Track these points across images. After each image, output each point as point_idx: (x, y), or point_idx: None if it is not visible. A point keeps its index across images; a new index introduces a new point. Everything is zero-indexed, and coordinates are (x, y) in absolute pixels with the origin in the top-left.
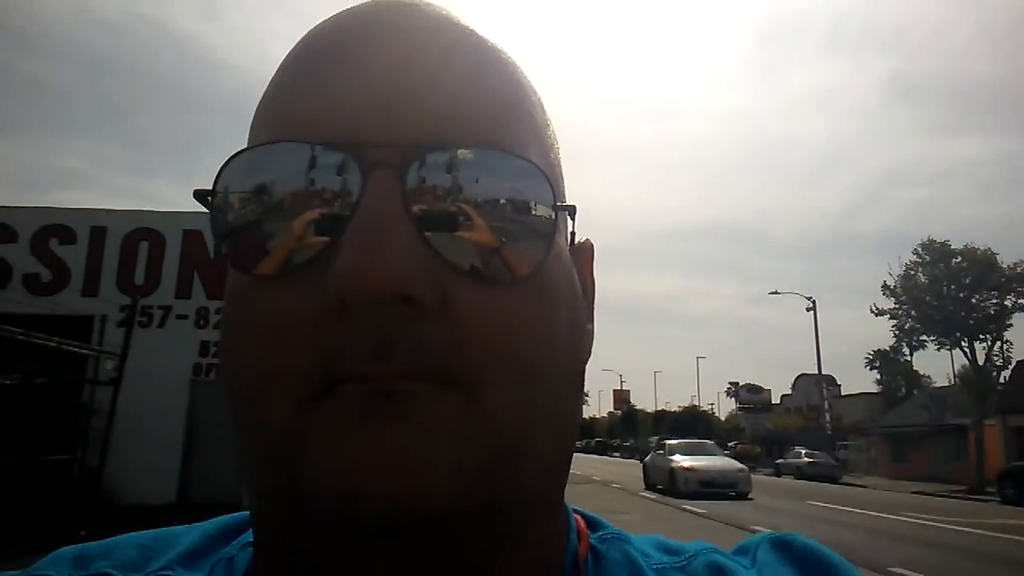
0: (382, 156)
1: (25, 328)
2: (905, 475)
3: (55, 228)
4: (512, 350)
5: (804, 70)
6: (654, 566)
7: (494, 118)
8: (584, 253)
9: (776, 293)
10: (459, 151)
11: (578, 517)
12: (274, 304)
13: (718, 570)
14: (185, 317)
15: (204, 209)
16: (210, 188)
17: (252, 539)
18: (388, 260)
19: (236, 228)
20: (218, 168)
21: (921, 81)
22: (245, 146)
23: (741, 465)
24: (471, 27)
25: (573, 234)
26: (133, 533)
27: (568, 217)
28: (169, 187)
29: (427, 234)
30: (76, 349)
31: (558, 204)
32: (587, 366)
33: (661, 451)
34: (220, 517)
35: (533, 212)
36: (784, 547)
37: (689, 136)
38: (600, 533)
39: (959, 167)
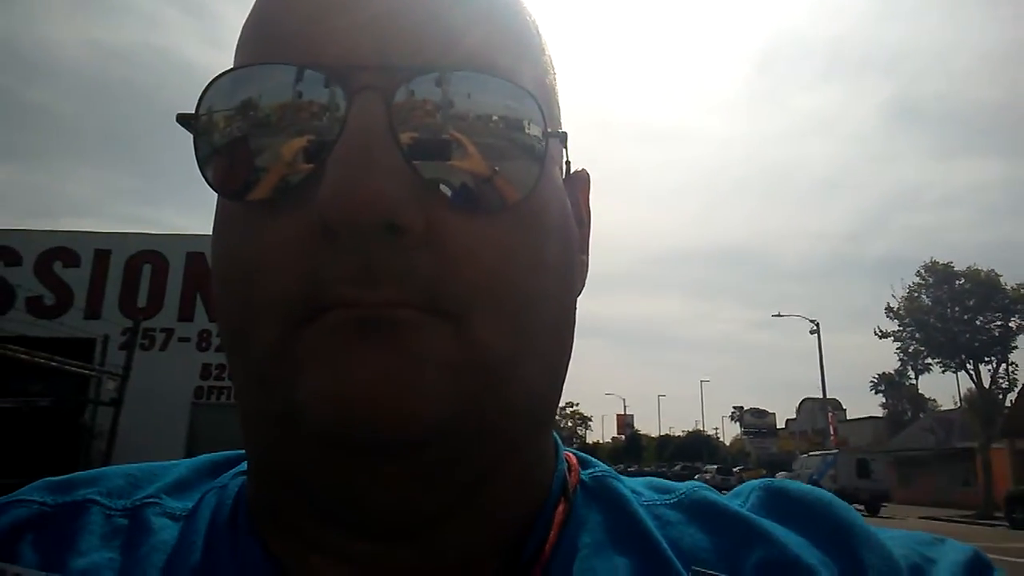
0: (368, 79)
1: (28, 349)
2: (912, 499)
3: (59, 251)
4: (501, 279)
5: (805, 94)
6: (644, 503)
7: (486, 41)
8: (580, 183)
9: (779, 316)
10: (448, 74)
11: (569, 455)
12: (261, 230)
13: (710, 504)
14: (187, 340)
15: (205, 232)
16: (192, 112)
17: (244, 470)
18: (372, 185)
19: (221, 149)
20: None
21: (922, 105)
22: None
23: None
24: None
25: (568, 163)
26: (122, 465)
27: (562, 146)
28: (177, 215)
29: (415, 163)
30: (78, 369)
31: (549, 131)
32: (591, 386)
33: None
34: (209, 454)
35: (525, 132)
36: (778, 492)
37: (690, 160)
38: (591, 470)
39: (962, 191)
